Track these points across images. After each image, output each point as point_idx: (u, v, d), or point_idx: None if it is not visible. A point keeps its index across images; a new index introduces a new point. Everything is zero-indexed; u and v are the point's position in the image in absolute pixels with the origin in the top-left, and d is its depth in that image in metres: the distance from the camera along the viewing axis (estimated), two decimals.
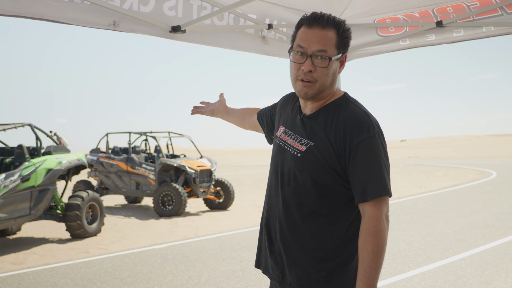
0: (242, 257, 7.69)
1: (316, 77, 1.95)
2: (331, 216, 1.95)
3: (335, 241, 1.95)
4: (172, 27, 3.22)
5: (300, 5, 3.71)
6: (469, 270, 6.58)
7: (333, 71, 1.98)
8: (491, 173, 25.92)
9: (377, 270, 1.84)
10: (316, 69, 1.94)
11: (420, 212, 12.34)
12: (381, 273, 6.55)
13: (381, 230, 1.84)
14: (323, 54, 1.93)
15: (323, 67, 1.94)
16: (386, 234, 1.86)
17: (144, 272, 7.00)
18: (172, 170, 13.47)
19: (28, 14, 2.61)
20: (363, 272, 1.84)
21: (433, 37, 3.83)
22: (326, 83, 1.97)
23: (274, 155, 2.17)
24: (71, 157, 9.48)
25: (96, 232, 9.88)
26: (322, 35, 1.94)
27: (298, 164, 1.99)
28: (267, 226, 2.13)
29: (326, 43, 1.94)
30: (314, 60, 1.94)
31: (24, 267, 7.48)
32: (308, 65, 1.94)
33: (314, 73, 1.95)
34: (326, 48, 1.94)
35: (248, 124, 2.70)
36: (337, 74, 2.02)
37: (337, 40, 1.96)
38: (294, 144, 2.03)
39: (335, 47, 1.96)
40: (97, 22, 2.92)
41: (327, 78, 1.97)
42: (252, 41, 3.83)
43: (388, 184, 1.90)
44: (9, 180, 8.06)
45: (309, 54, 1.94)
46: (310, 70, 1.94)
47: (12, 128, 8.85)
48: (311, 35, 1.95)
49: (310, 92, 1.97)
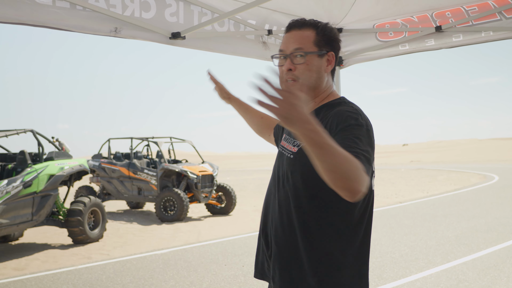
0: (244, 262, 7.70)
1: (298, 75, 1.98)
2: (323, 219, 1.94)
3: (328, 245, 1.94)
4: (172, 34, 3.24)
5: (299, 11, 3.73)
6: (471, 274, 6.58)
7: (316, 67, 2.00)
8: (494, 177, 25.89)
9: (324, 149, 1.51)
10: (296, 67, 1.98)
11: (422, 216, 12.33)
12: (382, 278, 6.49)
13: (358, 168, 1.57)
14: (299, 51, 1.98)
15: (302, 64, 1.98)
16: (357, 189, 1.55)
17: (146, 277, 7.01)
18: (174, 175, 13.48)
19: (29, 22, 2.63)
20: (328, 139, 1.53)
21: (432, 42, 3.84)
22: (310, 79, 1.99)
23: (275, 162, 2.19)
24: (73, 163, 9.50)
25: (98, 237, 9.90)
26: (298, 35, 2.01)
27: (290, 166, 2.00)
28: (265, 230, 2.15)
29: (302, 41, 1.99)
30: (293, 59, 1.99)
31: (26, 272, 7.49)
32: (288, 64, 1.99)
33: (295, 71, 1.98)
34: (303, 45, 1.98)
35: (267, 138, 2.62)
36: (322, 71, 2.02)
37: (315, 38, 2.00)
38: (288, 147, 2.05)
39: (313, 44, 2.00)
40: (98, 28, 2.93)
41: (310, 74, 1.99)
42: (253, 46, 3.85)
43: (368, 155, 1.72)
44: (11, 186, 8.08)
45: (288, 54, 1.99)
46: (289, 69, 1.98)
47: (14, 134, 8.89)
48: (289, 37, 2.02)
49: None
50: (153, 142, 14.06)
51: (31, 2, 2.61)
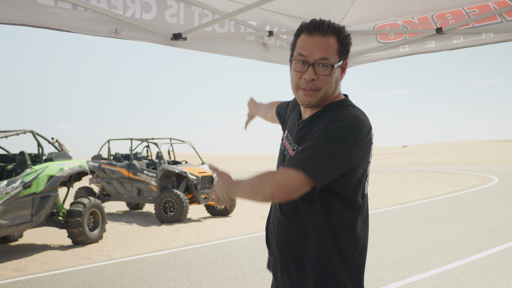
0: (244, 264, 7.69)
1: (319, 85, 1.93)
2: (322, 222, 1.94)
3: (326, 247, 1.95)
4: (173, 35, 3.24)
5: (300, 12, 3.73)
6: (471, 276, 6.57)
7: (336, 78, 1.96)
8: (493, 179, 25.89)
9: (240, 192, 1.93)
10: (319, 77, 1.92)
11: (422, 218, 12.33)
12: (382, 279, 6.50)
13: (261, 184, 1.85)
14: (325, 62, 1.91)
15: (325, 75, 1.92)
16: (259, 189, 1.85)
17: (145, 278, 7.00)
18: (173, 177, 13.48)
19: (31, 23, 2.63)
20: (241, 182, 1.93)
21: (433, 43, 3.84)
22: (329, 91, 1.95)
23: (277, 160, 2.20)
24: (73, 164, 9.50)
25: (98, 238, 9.89)
26: (323, 42, 1.92)
27: None
28: (268, 229, 2.18)
29: (327, 51, 1.91)
30: (316, 68, 1.92)
31: (26, 273, 7.49)
32: (311, 73, 1.92)
33: (317, 82, 1.92)
34: (328, 55, 1.91)
35: (270, 117, 2.76)
36: (339, 81, 2.00)
37: (338, 47, 1.94)
38: (289, 149, 2.06)
39: (336, 54, 1.93)
40: (98, 30, 2.94)
41: (330, 86, 1.94)
42: (253, 48, 3.85)
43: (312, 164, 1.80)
44: (11, 187, 8.08)
45: (311, 62, 1.92)
46: (312, 79, 1.92)
47: (14, 135, 8.88)
48: (312, 42, 1.92)
49: (313, 101, 1.95)
50: (153, 143, 14.05)
51: (33, 3, 2.62)
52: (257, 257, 7.97)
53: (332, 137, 1.83)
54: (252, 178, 1.88)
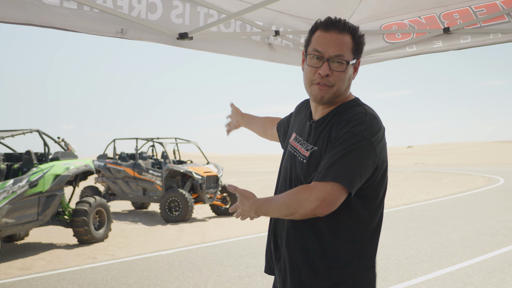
0: (249, 263, 7.69)
1: (333, 81, 1.94)
2: (336, 224, 1.93)
3: (341, 250, 1.94)
4: (179, 34, 3.23)
5: (306, 12, 3.72)
6: (477, 277, 6.55)
7: (349, 76, 1.98)
8: (499, 180, 25.80)
9: (270, 212, 1.96)
10: (333, 73, 1.93)
11: (427, 219, 12.29)
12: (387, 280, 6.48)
13: (298, 202, 1.83)
14: (340, 59, 1.92)
15: (340, 71, 1.93)
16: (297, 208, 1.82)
17: (150, 278, 7.01)
18: (178, 176, 13.49)
19: (37, 22, 2.64)
20: (269, 200, 1.96)
21: (440, 43, 3.82)
22: (342, 87, 1.97)
23: (284, 161, 2.16)
24: (79, 163, 9.52)
25: (103, 238, 9.91)
26: (339, 39, 1.94)
27: (303, 170, 1.98)
28: (274, 232, 2.13)
29: (343, 48, 1.93)
30: (331, 64, 1.93)
31: (32, 272, 7.51)
32: (326, 69, 1.93)
33: (331, 78, 1.94)
34: (343, 52, 1.93)
35: (270, 136, 2.73)
36: (351, 79, 2.01)
37: (353, 45, 1.96)
38: (301, 150, 2.03)
39: (351, 52, 1.95)
40: (104, 30, 2.93)
41: (343, 83, 1.96)
42: (258, 48, 3.84)
43: (346, 174, 1.80)
44: (17, 185, 8.11)
45: (326, 58, 1.93)
46: (327, 74, 1.93)
47: (21, 134, 8.91)
48: (329, 39, 1.94)
49: (327, 96, 1.96)
50: (158, 142, 14.07)
51: (39, 3, 2.62)
52: (262, 257, 7.91)
53: (358, 141, 1.84)
54: (286, 196, 1.88)
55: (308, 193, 1.80)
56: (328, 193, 1.79)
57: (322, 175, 1.81)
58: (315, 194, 1.79)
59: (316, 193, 1.79)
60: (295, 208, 1.83)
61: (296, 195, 1.84)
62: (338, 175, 1.79)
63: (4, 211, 7.91)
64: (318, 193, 1.79)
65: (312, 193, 1.80)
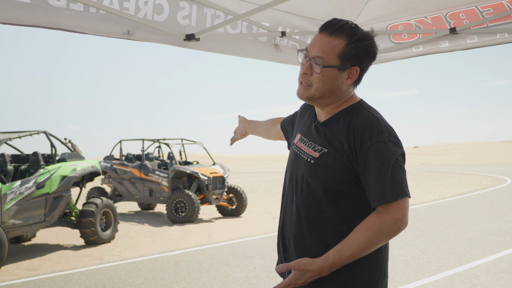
0: (255, 264, 7.69)
1: (311, 81, 1.96)
2: (346, 224, 1.92)
3: None
4: (186, 35, 3.24)
5: (313, 13, 3.72)
6: (484, 278, 6.52)
7: (332, 80, 1.95)
8: (506, 180, 25.69)
9: (350, 259, 1.86)
10: (312, 73, 1.95)
11: (433, 219, 12.26)
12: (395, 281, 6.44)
13: (382, 231, 1.83)
14: (318, 60, 1.93)
15: (316, 73, 1.94)
16: (384, 237, 1.84)
17: (157, 279, 7.03)
18: (185, 177, 13.52)
19: (44, 24, 2.65)
20: (341, 249, 1.85)
21: (447, 43, 3.81)
22: (322, 89, 1.96)
23: (290, 162, 2.16)
24: (85, 164, 9.55)
25: (110, 238, 9.94)
26: (326, 42, 1.93)
27: (311, 171, 1.98)
28: (282, 233, 2.13)
29: (326, 50, 1.92)
30: (312, 65, 1.95)
31: (39, 273, 7.54)
32: (305, 67, 1.97)
33: (310, 77, 1.96)
34: (324, 55, 1.92)
35: (273, 135, 2.73)
36: (339, 84, 1.97)
37: (342, 50, 1.92)
38: (308, 151, 2.03)
39: (336, 56, 1.92)
40: (111, 31, 2.95)
41: (323, 85, 1.95)
42: (265, 49, 3.84)
43: (404, 185, 1.88)
44: (24, 187, 8.15)
45: (309, 57, 1.96)
46: (305, 73, 1.96)
47: (28, 135, 8.95)
48: (317, 39, 1.96)
49: (305, 95, 1.99)
50: (165, 143, 14.10)
51: (46, 5, 2.64)
52: (269, 258, 7.96)
53: (390, 149, 1.89)
54: (366, 234, 1.84)
55: (389, 219, 1.83)
56: (404, 207, 1.85)
57: (391, 196, 1.84)
58: (396, 216, 1.84)
59: (397, 214, 1.84)
60: (384, 238, 1.85)
61: (379, 227, 1.83)
62: (402, 190, 1.86)
63: (11, 212, 7.95)
64: (398, 213, 1.84)
65: (392, 217, 1.83)
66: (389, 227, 1.83)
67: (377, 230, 1.82)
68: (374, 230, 1.83)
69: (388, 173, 1.85)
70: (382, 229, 1.82)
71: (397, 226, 1.84)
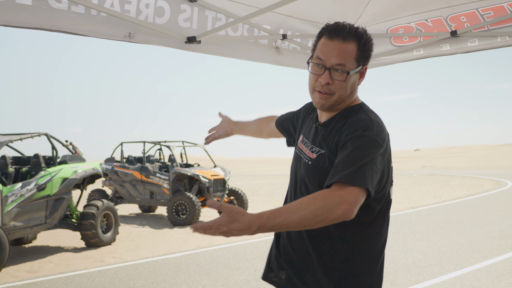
0: (256, 267, 7.69)
1: (334, 90, 1.94)
2: (342, 227, 1.91)
3: (345, 251, 1.95)
4: (187, 38, 3.25)
5: (314, 16, 3.73)
6: (485, 281, 6.51)
7: (352, 83, 1.97)
8: (507, 183, 25.66)
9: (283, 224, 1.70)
10: (334, 82, 1.93)
11: (435, 222, 12.24)
12: (395, 284, 6.43)
13: (325, 207, 1.68)
14: (341, 68, 1.91)
15: (340, 81, 1.92)
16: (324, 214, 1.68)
17: (158, 281, 7.02)
18: (186, 179, 13.51)
19: (46, 27, 2.66)
20: (278, 212, 1.70)
21: (447, 47, 3.82)
22: (343, 95, 1.96)
23: (292, 164, 2.18)
24: (86, 166, 9.55)
25: (111, 241, 9.94)
26: (342, 48, 1.92)
27: (308, 172, 1.99)
28: (280, 234, 2.15)
29: (345, 57, 1.91)
30: (332, 73, 1.92)
31: (40, 275, 7.54)
32: (326, 78, 1.92)
33: (332, 86, 1.93)
34: (345, 62, 1.91)
35: (266, 133, 2.71)
36: (356, 86, 2.01)
37: (357, 53, 1.93)
38: (307, 152, 2.04)
39: (354, 60, 1.93)
40: (113, 33, 2.95)
41: (345, 91, 1.95)
42: (266, 51, 3.85)
43: (369, 178, 1.77)
44: (25, 189, 8.15)
45: (328, 67, 1.92)
46: (327, 83, 1.93)
47: (29, 137, 8.96)
48: (331, 47, 1.93)
49: (327, 104, 1.97)
50: (166, 146, 14.10)
51: (48, 8, 2.65)
52: None
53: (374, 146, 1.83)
54: (309, 203, 1.70)
55: (337, 197, 1.70)
56: (357, 196, 1.73)
57: (350, 179, 1.73)
58: (346, 198, 1.71)
59: (347, 197, 1.71)
60: (325, 214, 1.68)
61: (325, 200, 1.70)
62: (365, 180, 1.74)
63: (12, 214, 7.95)
64: (349, 197, 1.71)
65: (342, 196, 1.71)
66: (333, 205, 1.68)
67: (324, 204, 1.69)
68: (321, 202, 1.69)
69: (359, 162, 1.77)
70: (326, 205, 1.69)
71: (341, 208, 1.69)
